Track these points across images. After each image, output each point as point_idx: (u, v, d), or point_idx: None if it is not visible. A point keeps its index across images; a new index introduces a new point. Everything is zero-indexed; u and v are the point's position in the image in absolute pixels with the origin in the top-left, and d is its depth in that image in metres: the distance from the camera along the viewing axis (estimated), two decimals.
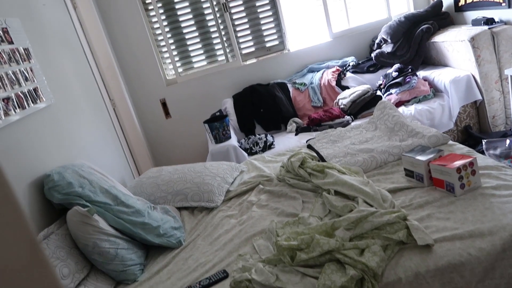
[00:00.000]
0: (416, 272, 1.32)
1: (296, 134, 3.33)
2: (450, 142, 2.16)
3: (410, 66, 3.40)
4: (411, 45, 3.50)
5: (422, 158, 1.78)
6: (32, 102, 1.93)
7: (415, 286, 1.31)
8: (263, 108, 3.63)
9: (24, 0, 2.19)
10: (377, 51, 3.69)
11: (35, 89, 1.98)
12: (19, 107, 1.80)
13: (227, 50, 3.91)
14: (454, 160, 1.69)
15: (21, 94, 1.84)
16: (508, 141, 2.61)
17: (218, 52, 3.92)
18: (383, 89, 3.42)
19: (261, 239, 1.72)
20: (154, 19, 3.76)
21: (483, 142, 2.71)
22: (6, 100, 1.72)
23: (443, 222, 1.50)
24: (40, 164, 1.88)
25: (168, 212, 2.09)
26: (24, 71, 1.92)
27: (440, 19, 3.53)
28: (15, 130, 1.76)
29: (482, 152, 2.69)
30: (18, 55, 1.91)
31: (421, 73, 3.44)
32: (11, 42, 1.88)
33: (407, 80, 3.26)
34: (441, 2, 3.57)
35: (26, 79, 1.92)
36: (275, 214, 1.91)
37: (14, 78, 1.83)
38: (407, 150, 2.10)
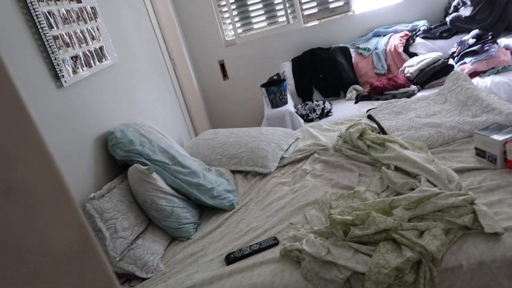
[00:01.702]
0: (480, 260, 1.23)
1: (355, 102, 3.19)
2: None
3: (490, 33, 3.06)
4: (494, 8, 3.13)
5: (497, 137, 1.62)
6: (98, 61, 1.99)
7: (478, 275, 1.22)
8: (323, 73, 3.50)
9: None
10: (453, 14, 3.35)
11: (100, 48, 2.04)
12: (86, 65, 1.87)
13: (289, 11, 3.77)
14: None
15: (88, 53, 1.91)
16: None
17: (279, 13, 3.79)
18: (456, 58, 3.14)
19: (314, 209, 1.70)
20: None
21: None
22: (75, 58, 1.79)
23: None
24: (105, 121, 1.96)
25: (223, 175, 2.12)
26: (91, 30, 1.98)
27: None
28: (82, 88, 1.84)
29: None
30: (85, 13, 1.96)
31: (503, 41, 3.09)
32: (79, 1, 1.93)
33: (486, 48, 2.95)
34: None
35: (93, 38, 1.98)
36: (330, 185, 1.87)
37: (82, 37, 1.88)
38: (480, 127, 1.92)
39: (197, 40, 3.82)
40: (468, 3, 3.24)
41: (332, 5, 3.76)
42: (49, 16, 1.66)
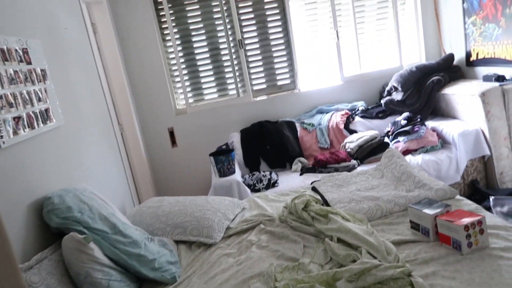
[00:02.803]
0: None
1: (301, 174, 3.30)
2: (458, 197, 2.12)
3: (419, 116, 3.41)
4: (421, 95, 3.53)
5: (429, 211, 1.74)
6: (42, 123, 1.94)
7: None
8: (270, 145, 3.63)
9: (47, 23, 2.25)
10: (387, 98, 3.72)
11: (46, 110, 1.99)
12: (28, 127, 1.81)
13: (239, 85, 3.97)
14: (462, 217, 1.65)
15: (32, 114, 1.86)
16: None
17: (230, 86, 3.98)
18: (391, 136, 3.42)
19: (259, 282, 1.66)
20: (170, 49, 3.85)
21: (491, 199, 2.67)
22: (17, 119, 1.73)
23: (448, 281, 1.45)
24: (43, 185, 1.86)
25: (166, 245, 2.04)
26: (38, 91, 1.95)
27: (451, 72, 3.58)
28: (22, 149, 1.76)
29: (489, 208, 2.64)
30: (34, 75, 1.94)
31: (430, 124, 3.45)
32: (29, 63, 1.92)
33: (416, 129, 3.26)
34: (453, 55, 3.63)
35: (39, 99, 1.94)
36: (275, 257, 1.86)
37: (27, 98, 1.84)
38: (413, 201, 2.06)
39: (148, 106, 3.86)
40: (400, 89, 3.63)
41: (279, 82, 4.03)
42: None
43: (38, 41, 2.06)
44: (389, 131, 3.49)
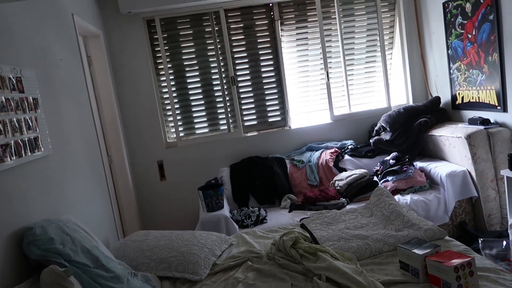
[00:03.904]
0: None
1: (289, 211, 3.27)
2: (447, 237, 2.12)
3: (407, 156, 3.46)
4: (408, 136, 3.59)
5: (418, 252, 1.73)
6: (30, 151, 1.91)
7: None
8: (259, 181, 3.62)
9: (44, 54, 2.28)
10: (376, 137, 3.78)
11: (35, 138, 1.97)
12: (15, 155, 1.78)
13: (230, 120, 4.01)
14: (452, 258, 1.64)
15: (20, 142, 1.84)
16: (505, 243, 2.56)
17: (221, 121, 4.01)
18: (380, 175, 3.44)
19: None
20: (164, 83, 3.90)
21: (480, 241, 2.66)
22: (5, 146, 1.71)
23: None
24: (25, 215, 1.81)
25: (149, 281, 1.97)
26: (28, 119, 1.94)
27: (437, 114, 3.67)
28: (7, 177, 1.72)
29: (478, 251, 2.63)
30: (26, 104, 1.94)
31: (418, 164, 3.49)
32: (22, 91, 1.92)
33: (404, 169, 3.29)
34: (439, 98, 3.74)
35: (29, 128, 1.93)
36: None
37: (17, 126, 1.83)
38: (403, 241, 2.05)
39: (138, 138, 3.85)
40: (388, 129, 3.69)
41: (270, 119, 4.08)
42: None
43: (32, 70, 2.07)
44: (378, 170, 3.52)
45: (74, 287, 1.60)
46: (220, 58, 3.92)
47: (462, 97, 3.56)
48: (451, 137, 3.22)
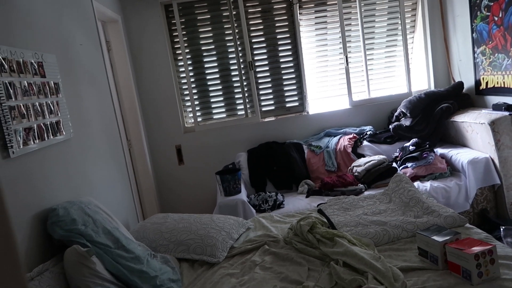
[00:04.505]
0: None
1: (307, 196, 3.27)
2: (467, 225, 2.08)
3: (427, 142, 3.39)
4: (429, 122, 3.51)
5: (438, 238, 1.71)
6: (52, 135, 1.95)
7: None
8: (277, 166, 3.62)
9: (64, 39, 2.31)
10: (395, 123, 3.71)
11: (57, 122, 2.02)
12: (38, 138, 1.82)
13: (248, 106, 4.00)
14: (472, 245, 1.61)
15: (43, 126, 1.88)
16: None
17: (239, 107, 4.00)
18: (399, 162, 3.39)
19: None
20: (182, 69, 3.91)
21: (501, 229, 2.61)
22: (28, 130, 1.75)
23: None
24: (48, 196, 1.86)
25: (168, 262, 2.01)
26: (50, 104, 1.97)
27: (460, 100, 3.58)
28: (30, 160, 1.77)
29: (499, 239, 2.58)
30: (47, 88, 1.97)
31: (439, 150, 3.42)
32: (43, 76, 1.95)
33: (424, 155, 3.23)
34: (462, 83, 3.63)
35: (50, 112, 1.97)
36: (278, 279, 1.82)
37: (39, 110, 1.87)
38: (422, 228, 2.02)
39: (157, 123, 3.89)
40: (408, 115, 3.62)
41: (288, 104, 4.05)
42: (9, 87, 1.65)
43: (53, 55, 2.10)
44: (397, 157, 3.47)
45: (96, 266, 1.65)
46: (238, 42, 3.89)
47: (487, 82, 3.45)
48: (474, 123, 3.14)
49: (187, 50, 3.88)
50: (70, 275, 1.59)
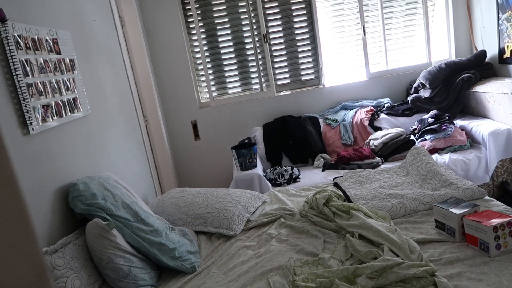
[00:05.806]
0: None
1: (323, 170, 3.26)
2: (486, 197, 2.05)
3: (447, 114, 3.31)
4: (450, 93, 3.42)
5: (455, 211, 1.69)
6: (70, 111, 1.98)
7: None
8: (292, 140, 3.60)
9: (77, 15, 2.30)
10: (414, 95, 3.63)
11: (74, 99, 2.04)
12: (56, 115, 1.85)
13: (263, 80, 3.96)
14: (491, 218, 1.59)
15: (60, 103, 1.90)
16: None
17: (254, 81, 3.97)
18: (417, 134, 3.34)
19: (277, 275, 1.65)
20: (196, 43, 3.87)
21: None
22: (46, 107, 1.78)
23: (474, 283, 1.40)
24: (68, 172, 1.91)
25: (186, 235, 2.06)
26: (66, 80, 1.99)
27: (482, 69, 3.45)
28: (50, 137, 1.81)
29: None
30: (63, 65, 1.99)
31: (459, 122, 3.34)
32: (58, 53, 1.96)
33: (443, 127, 3.17)
34: (485, 52, 3.50)
35: (67, 89, 1.99)
36: (294, 251, 1.84)
37: (56, 87, 1.89)
38: (439, 200, 2.00)
39: (172, 99, 3.90)
40: (427, 86, 3.53)
41: (303, 78, 3.99)
42: (26, 64, 1.67)
43: (67, 32, 2.11)
44: (415, 129, 3.41)
45: (117, 239, 1.70)
46: (252, 15, 3.81)
47: (511, 51, 3.31)
48: (496, 94, 3.04)
49: (201, 24, 3.83)
50: (92, 247, 1.65)
